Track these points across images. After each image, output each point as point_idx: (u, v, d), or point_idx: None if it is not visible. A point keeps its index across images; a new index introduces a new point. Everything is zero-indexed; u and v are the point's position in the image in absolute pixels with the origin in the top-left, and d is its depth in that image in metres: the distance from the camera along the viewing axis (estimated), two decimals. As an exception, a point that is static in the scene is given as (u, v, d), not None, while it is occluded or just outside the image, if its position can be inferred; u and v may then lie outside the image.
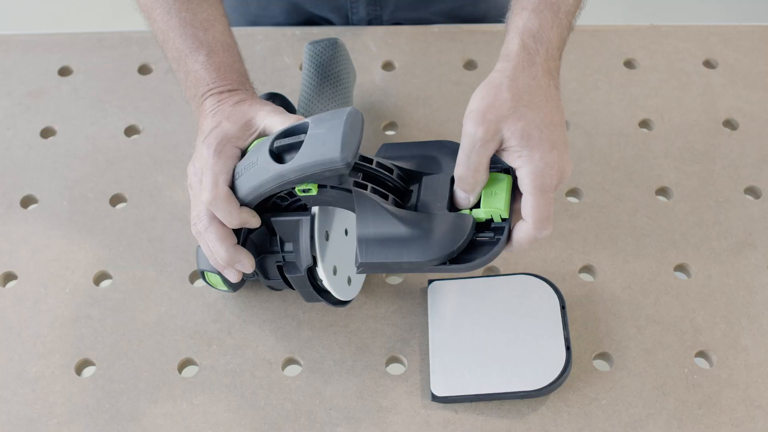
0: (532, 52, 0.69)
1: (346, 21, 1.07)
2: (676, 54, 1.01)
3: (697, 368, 0.78)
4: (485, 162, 0.67)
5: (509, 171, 0.69)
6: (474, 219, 0.68)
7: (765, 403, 0.75)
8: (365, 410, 0.75)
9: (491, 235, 0.68)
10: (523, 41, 0.69)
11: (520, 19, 0.71)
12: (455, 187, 0.69)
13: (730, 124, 0.95)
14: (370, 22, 1.06)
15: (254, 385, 0.77)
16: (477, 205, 0.69)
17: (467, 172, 0.67)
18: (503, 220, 0.68)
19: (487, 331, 0.77)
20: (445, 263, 0.67)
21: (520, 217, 0.67)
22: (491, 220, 0.68)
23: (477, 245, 0.68)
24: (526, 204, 0.66)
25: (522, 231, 0.66)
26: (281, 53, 1.01)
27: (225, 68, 0.76)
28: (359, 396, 0.76)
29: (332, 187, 0.69)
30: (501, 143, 0.66)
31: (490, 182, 0.69)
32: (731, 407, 0.75)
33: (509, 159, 0.67)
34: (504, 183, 0.68)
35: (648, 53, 1.01)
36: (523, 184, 0.66)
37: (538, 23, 0.70)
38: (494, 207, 0.67)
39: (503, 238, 0.67)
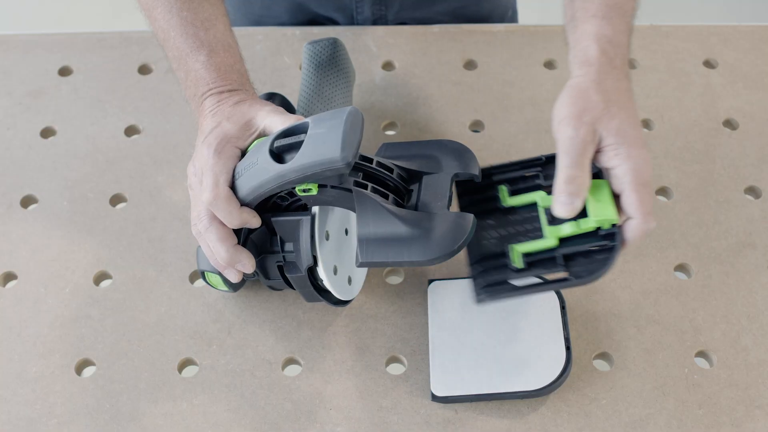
0: (611, 57, 0.70)
1: (351, 21, 1.07)
2: (676, 54, 1.01)
3: (697, 368, 0.78)
4: (589, 164, 0.67)
5: (600, 175, 0.68)
6: (474, 218, 0.68)
7: (765, 403, 0.75)
8: (365, 410, 0.75)
9: (604, 242, 0.67)
10: (601, 47, 0.70)
11: (591, 26, 0.71)
12: (556, 196, 0.66)
13: (730, 124, 0.95)
14: (374, 22, 1.06)
15: (254, 385, 0.77)
16: (582, 214, 0.67)
17: (576, 175, 0.66)
18: (613, 225, 0.67)
19: (487, 331, 0.77)
20: (569, 279, 0.66)
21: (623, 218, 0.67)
22: (598, 229, 0.67)
23: (591, 255, 0.67)
24: (630, 200, 0.65)
25: (633, 229, 0.66)
26: (281, 53, 1.01)
27: (225, 68, 0.76)
28: (359, 396, 0.76)
29: (332, 187, 0.69)
30: (597, 144, 0.67)
31: (591, 190, 0.67)
32: (731, 407, 0.75)
33: (605, 159, 0.67)
34: (605, 189, 0.67)
35: (648, 53, 1.01)
36: (624, 181, 0.66)
37: (611, 29, 0.71)
38: (605, 215, 0.66)
39: (617, 243, 0.66)
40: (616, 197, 0.68)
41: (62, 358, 0.79)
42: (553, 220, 0.69)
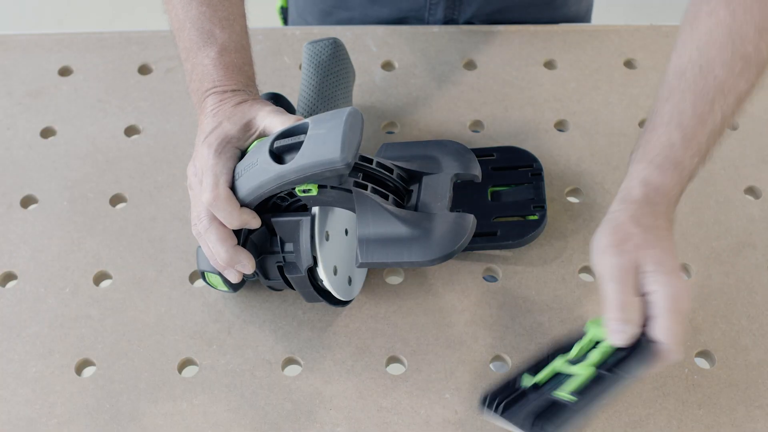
0: (652, 203, 0.70)
1: (422, 21, 1.05)
2: (676, 54, 1.01)
3: (697, 368, 0.78)
4: (633, 290, 0.66)
5: None
6: (474, 218, 0.68)
7: (765, 403, 0.75)
8: (365, 410, 0.75)
9: (634, 347, 0.66)
10: (646, 192, 0.70)
11: (643, 171, 0.71)
12: (610, 323, 0.66)
13: (730, 124, 0.95)
14: (445, 24, 1.05)
15: (254, 385, 0.77)
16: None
17: (626, 300, 0.65)
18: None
19: None
20: (622, 376, 0.65)
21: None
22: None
23: (627, 357, 0.66)
24: (663, 327, 0.65)
25: (665, 359, 0.66)
26: (281, 53, 1.01)
27: (233, 68, 0.76)
28: (359, 396, 0.76)
29: (332, 188, 0.69)
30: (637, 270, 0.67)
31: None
32: (731, 407, 0.75)
33: (644, 284, 0.66)
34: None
35: (648, 53, 1.01)
36: (661, 308, 0.65)
37: (660, 180, 0.70)
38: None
39: (644, 339, 0.66)
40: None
41: (62, 358, 0.79)
42: (575, 363, 0.68)
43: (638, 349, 0.66)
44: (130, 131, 0.95)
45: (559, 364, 0.69)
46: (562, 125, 0.95)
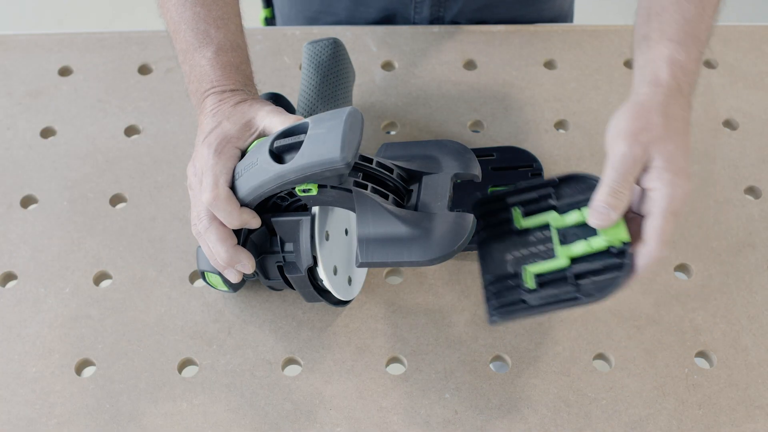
0: (681, 84, 0.70)
1: (408, 21, 1.06)
2: (676, 54, 1.01)
3: (697, 368, 0.78)
4: (634, 183, 0.67)
5: None
6: (474, 218, 0.68)
7: (765, 403, 0.75)
8: (365, 410, 0.75)
9: (614, 260, 0.67)
10: (673, 71, 0.70)
11: (666, 49, 0.71)
12: (595, 204, 0.66)
13: (730, 124, 0.95)
14: (431, 22, 1.06)
15: (254, 385, 0.77)
16: (591, 233, 0.68)
17: (620, 190, 0.66)
18: (624, 244, 0.67)
19: None
20: (576, 298, 0.67)
21: (636, 240, 0.67)
22: (609, 248, 0.67)
23: (602, 273, 0.67)
24: (654, 225, 0.65)
25: (645, 255, 0.66)
26: (281, 53, 1.01)
27: (231, 68, 0.76)
28: (359, 396, 0.76)
29: (332, 187, 0.69)
30: (646, 163, 0.67)
31: None
32: (731, 407, 0.75)
33: (647, 179, 0.67)
34: None
35: (648, 53, 1.01)
36: (657, 206, 0.65)
37: (685, 56, 0.70)
38: (615, 233, 0.66)
39: (627, 261, 0.66)
40: (639, 218, 0.67)
41: (62, 358, 0.79)
42: (565, 240, 0.70)
43: (616, 267, 0.67)
44: (130, 131, 0.95)
45: (551, 218, 0.71)
46: (562, 125, 0.95)
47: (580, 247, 0.68)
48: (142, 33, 1.03)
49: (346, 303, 0.78)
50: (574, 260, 0.69)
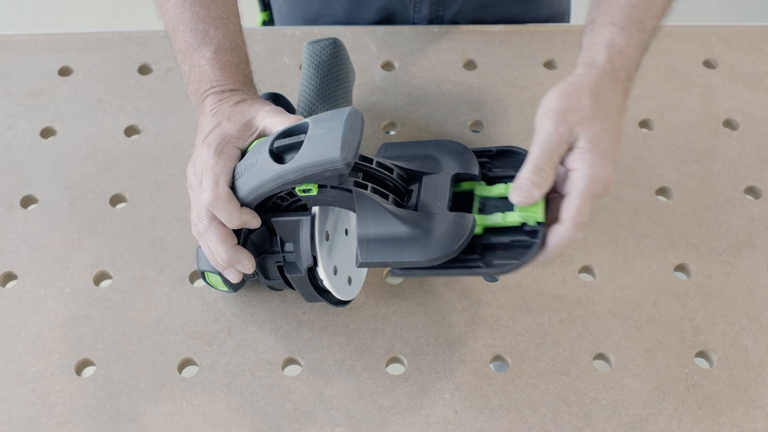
0: (617, 68, 0.70)
1: (408, 20, 1.06)
2: (676, 54, 1.01)
3: (697, 368, 0.78)
4: (558, 162, 0.67)
5: None
6: (474, 218, 0.68)
7: (765, 403, 0.76)
8: (365, 410, 0.75)
9: (525, 238, 0.67)
10: (610, 55, 0.70)
11: (607, 33, 0.72)
12: (518, 182, 0.67)
13: (730, 124, 0.95)
14: (431, 22, 1.06)
15: (254, 385, 0.77)
16: (509, 208, 0.68)
17: (544, 168, 0.66)
18: (538, 224, 0.67)
19: None
20: (478, 266, 0.67)
21: (554, 221, 0.67)
22: (524, 224, 0.68)
23: (509, 248, 0.68)
24: (571, 205, 0.66)
25: (558, 234, 0.66)
26: (281, 53, 1.01)
27: (230, 67, 0.76)
28: (359, 396, 0.76)
29: (332, 187, 0.69)
30: (571, 143, 0.67)
31: None
32: (731, 407, 0.75)
33: (571, 159, 0.67)
34: None
35: (648, 53, 1.01)
36: (576, 186, 0.66)
37: (625, 41, 0.71)
38: (530, 210, 0.67)
39: (538, 240, 0.67)
40: (560, 198, 0.68)
41: (62, 358, 0.79)
42: (483, 210, 0.70)
43: (524, 245, 0.67)
44: (130, 131, 0.95)
45: (478, 187, 0.71)
46: (562, 125, 0.95)
47: (494, 220, 0.69)
48: (142, 33, 1.03)
49: (346, 303, 0.78)
50: (488, 231, 0.69)
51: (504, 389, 0.76)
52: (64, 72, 1.00)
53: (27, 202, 0.90)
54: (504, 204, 0.70)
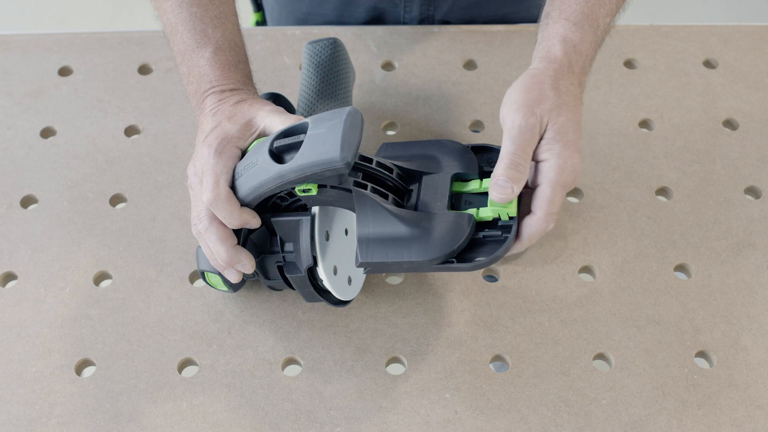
0: (572, 62, 0.72)
1: (398, 20, 1.06)
2: (676, 54, 1.01)
3: (697, 368, 0.78)
4: (531, 153, 0.68)
5: None
6: (474, 218, 0.68)
7: (765, 403, 0.75)
8: (365, 410, 0.75)
9: (498, 233, 0.68)
10: (565, 49, 0.72)
11: (561, 28, 0.73)
12: (496, 179, 0.67)
13: (730, 124, 0.95)
14: (421, 22, 1.06)
15: (254, 385, 0.77)
16: (483, 204, 0.69)
17: (519, 163, 0.67)
18: (510, 218, 0.68)
19: None
20: (452, 261, 0.67)
21: (526, 213, 0.68)
22: (497, 219, 0.68)
23: (483, 244, 0.68)
24: (542, 196, 0.67)
25: (531, 225, 0.67)
26: (281, 53, 1.01)
27: (229, 67, 0.76)
28: (359, 396, 0.76)
29: (332, 187, 0.69)
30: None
31: None
32: (731, 407, 0.75)
33: (539, 151, 0.68)
34: None
35: (648, 53, 1.01)
36: (545, 177, 0.67)
37: (579, 37, 0.73)
38: (504, 208, 0.68)
39: (512, 234, 0.67)
40: (531, 191, 0.69)
41: (62, 358, 0.79)
42: (456, 207, 0.70)
43: (496, 241, 0.67)
44: (130, 131, 0.95)
45: (453, 185, 0.72)
46: (562, 125, 0.95)
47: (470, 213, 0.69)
48: (142, 33, 1.03)
49: (346, 303, 0.78)
50: None
51: (504, 389, 0.76)
52: (64, 72, 1.00)
53: (27, 202, 0.90)
54: (477, 200, 0.70)
